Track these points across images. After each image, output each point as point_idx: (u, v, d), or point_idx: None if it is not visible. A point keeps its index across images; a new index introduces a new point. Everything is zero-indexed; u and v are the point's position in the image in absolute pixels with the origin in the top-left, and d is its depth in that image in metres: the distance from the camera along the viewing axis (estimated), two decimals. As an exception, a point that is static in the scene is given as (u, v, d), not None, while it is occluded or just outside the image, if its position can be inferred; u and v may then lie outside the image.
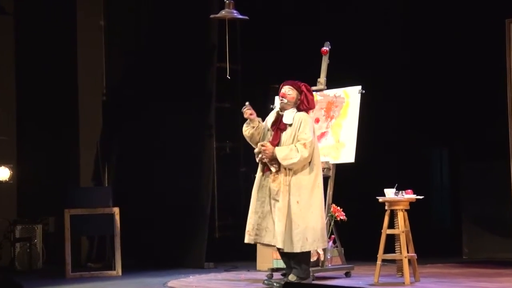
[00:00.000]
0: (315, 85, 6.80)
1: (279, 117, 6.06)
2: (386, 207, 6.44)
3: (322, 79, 6.84)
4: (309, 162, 5.88)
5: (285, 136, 5.96)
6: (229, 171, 8.70)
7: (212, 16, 7.16)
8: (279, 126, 6.01)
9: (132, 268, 7.69)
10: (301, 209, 5.83)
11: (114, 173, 8.63)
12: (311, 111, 6.14)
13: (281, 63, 8.47)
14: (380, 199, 6.46)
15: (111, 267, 7.60)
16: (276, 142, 5.95)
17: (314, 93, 6.45)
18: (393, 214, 6.44)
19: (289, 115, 5.99)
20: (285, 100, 6.02)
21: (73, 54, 8.55)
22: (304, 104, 6.01)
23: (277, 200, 5.87)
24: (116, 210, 7.49)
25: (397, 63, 8.55)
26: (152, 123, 8.32)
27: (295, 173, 5.85)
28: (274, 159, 5.87)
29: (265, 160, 5.89)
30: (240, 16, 7.01)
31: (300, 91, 6.02)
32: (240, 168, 8.79)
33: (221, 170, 8.50)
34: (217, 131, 8.29)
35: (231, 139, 8.72)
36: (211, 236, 8.13)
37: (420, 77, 8.60)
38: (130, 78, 8.59)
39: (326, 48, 6.78)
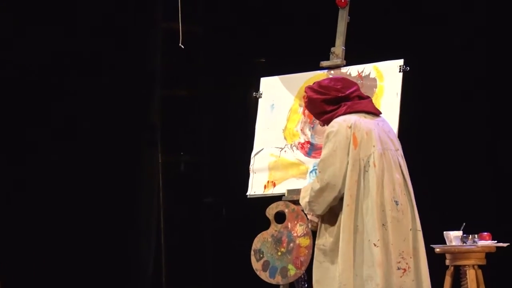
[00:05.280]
0: (327, 58, 6.78)
1: None
2: (448, 262, 6.71)
3: (339, 48, 6.80)
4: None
5: None
6: (185, 202, 8.72)
7: None
8: None
9: None
10: None
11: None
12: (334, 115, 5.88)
13: (270, 24, 8.64)
14: (437, 248, 6.60)
15: None
16: None
17: (325, 72, 6.55)
18: (459, 273, 6.69)
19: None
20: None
21: None
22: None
23: None
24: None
25: (467, 28, 8.58)
26: (56, 124, 8.38)
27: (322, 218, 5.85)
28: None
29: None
30: None
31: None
32: (203, 197, 8.85)
33: (171, 201, 8.60)
34: (164, 136, 8.31)
35: (188, 149, 8.74)
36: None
37: (502, 52, 8.65)
38: (17, 48, 8.53)
39: (344, -4, 6.88)
